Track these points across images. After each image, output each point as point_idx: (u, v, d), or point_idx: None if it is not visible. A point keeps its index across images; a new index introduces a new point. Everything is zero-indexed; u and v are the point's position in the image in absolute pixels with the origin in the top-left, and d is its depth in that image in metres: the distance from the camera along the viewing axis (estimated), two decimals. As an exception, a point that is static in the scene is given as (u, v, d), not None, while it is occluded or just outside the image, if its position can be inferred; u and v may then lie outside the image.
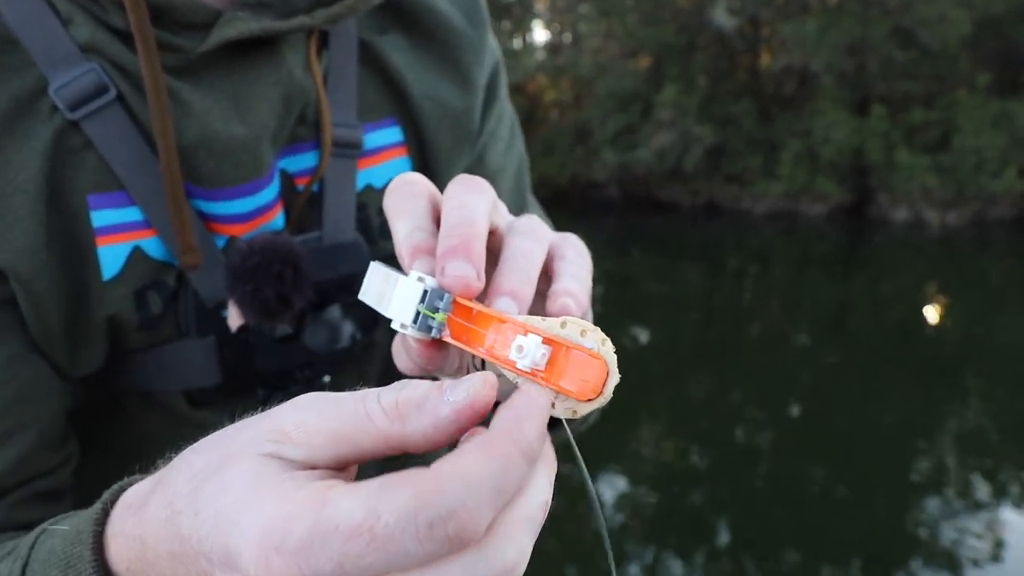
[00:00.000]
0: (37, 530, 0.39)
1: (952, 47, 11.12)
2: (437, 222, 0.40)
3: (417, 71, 0.67)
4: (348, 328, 0.64)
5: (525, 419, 0.30)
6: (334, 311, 0.64)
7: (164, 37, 0.54)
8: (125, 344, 0.60)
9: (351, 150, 0.64)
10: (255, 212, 0.60)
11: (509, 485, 0.28)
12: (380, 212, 0.66)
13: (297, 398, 0.32)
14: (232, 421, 0.67)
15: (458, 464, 0.28)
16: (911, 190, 10.67)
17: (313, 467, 0.30)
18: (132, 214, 0.57)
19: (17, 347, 0.55)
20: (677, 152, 11.94)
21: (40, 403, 0.56)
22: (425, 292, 0.37)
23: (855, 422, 4.49)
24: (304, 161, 0.63)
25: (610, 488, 3.77)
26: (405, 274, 0.39)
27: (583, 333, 0.36)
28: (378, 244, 0.67)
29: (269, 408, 0.65)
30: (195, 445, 0.34)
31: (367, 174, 0.67)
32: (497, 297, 0.37)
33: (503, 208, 0.43)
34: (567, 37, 14.55)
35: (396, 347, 0.42)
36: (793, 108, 12.13)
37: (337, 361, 0.66)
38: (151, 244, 0.58)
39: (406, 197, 0.41)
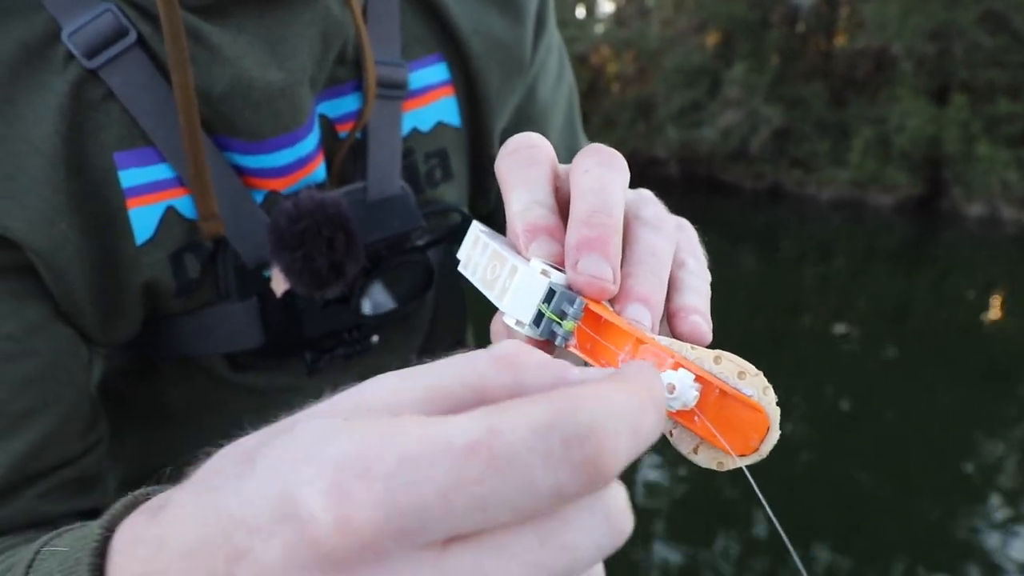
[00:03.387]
0: (37, 544, 0.33)
1: (1046, 35, 10.47)
2: (557, 196, 0.35)
3: (463, 2, 0.61)
4: (401, 290, 0.60)
5: (657, 381, 0.25)
6: (386, 273, 0.59)
7: None
8: (162, 310, 0.55)
9: (396, 91, 0.58)
10: (295, 164, 0.55)
11: (644, 431, 0.22)
12: (428, 158, 0.62)
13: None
14: (275, 384, 0.63)
15: (596, 386, 0.22)
16: (989, 184, 10.16)
17: None
18: (162, 171, 0.51)
19: (37, 318, 0.49)
20: (743, 132, 11.60)
21: (64, 380, 0.51)
22: (551, 292, 0.31)
23: (907, 422, 4.34)
24: (345, 105, 0.58)
25: (647, 473, 3.74)
26: (517, 254, 0.33)
27: (741, 375, 0.29)
28: (425, 193, 0.62)
29: (318, 374, 0.60)
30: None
31: (412, 116, 0.61)
32: (629, 303, 0.32)
33: None
34: (631, 10, 14.20)
35: (497, 328, 0.36)
36: (867, 93, 11.65)
37: (387, 321, 0.62)
38: (185, 203, 0.53)
39: (525, 163, 0.34)
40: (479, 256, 0.35)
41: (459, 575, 0.20)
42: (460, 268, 0.36)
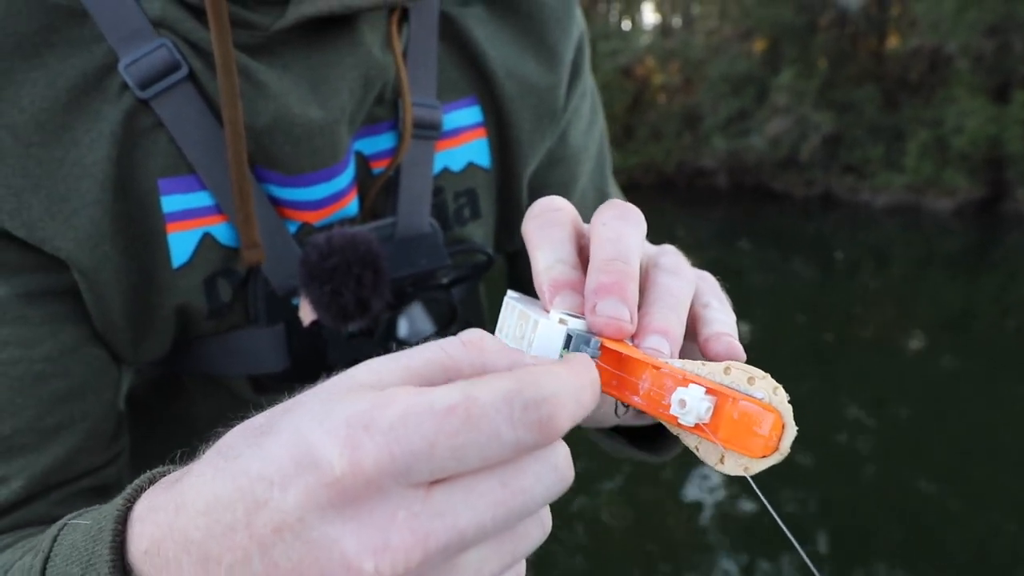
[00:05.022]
0: (59, 523, 0.37)
1: (1112, 28, 10.05)
2: (579, 252, 0.38)
3: (499, 46, 0.63)
4: (423, 325, 0.62)
5: (592, 368, 0.31)
6: (411, 309, 0.61)
7: (238, 13, 0.51)
8: (192, 331, 0.58)
9: (430, 131, 0.60)
10: (330, 199, 0.57)
11: (584, 402, 0.29)
12: (457, 197, 0.64)
13: None
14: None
15: (550, 366, 0.29)
16: (1054, 185, 9.76)
17: None
18: (202, 199, 0.54)
19: (71, 341, 0.52)
20: (792, 139, 11.41)
21: (92, 400, 0.53)
22: (569, 337, 0.34)
23: (974, 433, 4.17)
24: (381, 143, 0.60)
25: (703, 487, 3.67)
26: (544, 311, 0.36)
27: (751, 381, 0.32)
28: (453, 231, 0.64)
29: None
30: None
31: (444, 156, 0.63)
32: (648, 335, 0.35)
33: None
34: (677, 21, 14.12)
35: None
36: (922, 95, 11.34)
37: None
38: (221, 230, 0.55)
39: (548, 225, 0.38)
40: (509, 318, 0.38)
41: (439, 508, 0.26)
42: (496, 334, 0.39)
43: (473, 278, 0.67)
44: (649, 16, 14.39)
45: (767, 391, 0.31)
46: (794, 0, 12.02)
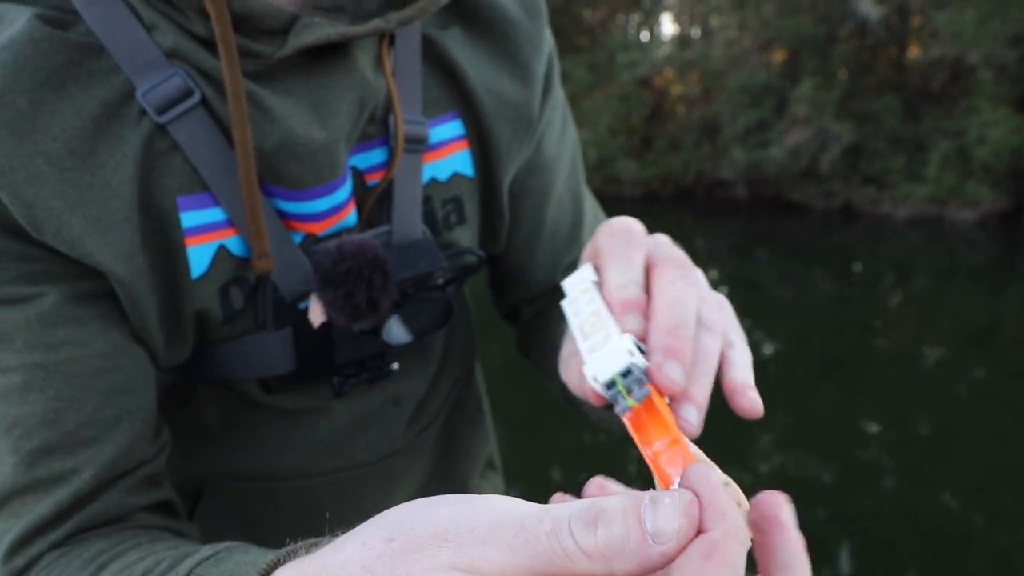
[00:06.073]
0: (187, 565, 0.44)
1: None
2: (647, 273, 0.44)
3: (477, 65, 0.69)
4: (423, 323, 0.67)
5: (735, 546, 0.31)
6: (412, 308, 0.66)
7: (243, 43, 0.55)
8: (208, 337, 0.63)
9: (417, 145, 0.66)
10: (331, 211, 0.62)
11: None
12: (444, 204, 0.71)
13: (476, 510, 0.31)
14: (304, 406, 0.70)
15: None
16: (1080, 197, 9.62)
17: None
18: (216, 214, 0.59)
19: (120, 337, 0.57)
20: (812, 151, 11.34)
21: (141, 392, 0.59)
22: (629, 371, 0.39)
23: (998, 449, 4.10)
24: (373, 157, 0.65)
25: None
26: (614, 318, 0.41)
27: (727, 484, 0.35)
28: (442, 236, 0.71)
29: (344, 397, 0.70)
30: (369, 526, 0.33)
31: (431, 167, 0.69)
32: (685, 404, 0.40)
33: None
34: (696, 32, 14.12)
35: (571, 368, 0.48)
36: (944, 105, 11.24)
37: (407, 350, 0.71)
38: (234, 242, 0.60)
39: (625, 245, 0.44)
40: (584, 306, 0.43)
41: None
42: (563, 304, 0.44)
43: (464, 279, 0.73)
44: (668, 27, 14.41)
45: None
46: (814, 11, 11.99)
